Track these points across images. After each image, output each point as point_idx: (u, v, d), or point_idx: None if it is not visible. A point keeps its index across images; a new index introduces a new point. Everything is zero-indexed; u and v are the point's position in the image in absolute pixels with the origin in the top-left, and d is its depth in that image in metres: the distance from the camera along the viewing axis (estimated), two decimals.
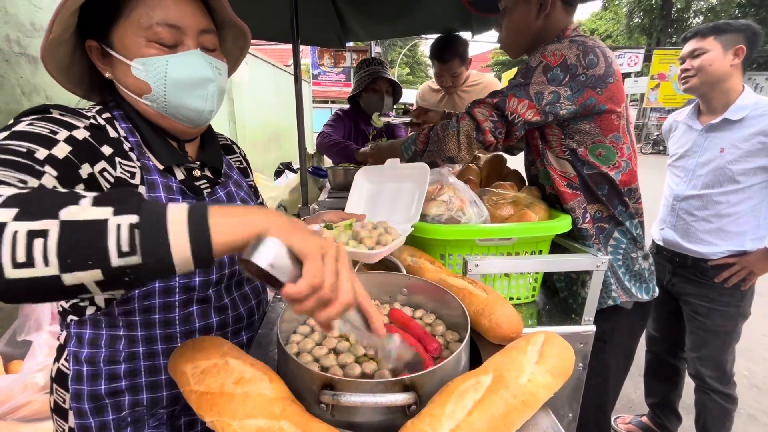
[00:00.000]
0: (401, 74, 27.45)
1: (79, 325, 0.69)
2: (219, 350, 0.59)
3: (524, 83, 1.03)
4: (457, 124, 1.09)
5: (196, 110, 0.69)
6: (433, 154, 1.15)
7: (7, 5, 1.86)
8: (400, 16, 2.15)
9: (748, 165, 1.45)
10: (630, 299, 1.16)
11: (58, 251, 0.36)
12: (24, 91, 1.94)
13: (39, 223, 0.36)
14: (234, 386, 0.53)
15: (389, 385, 0.54)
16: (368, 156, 1.55)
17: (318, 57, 14.68)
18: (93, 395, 0.70)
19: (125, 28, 0.63)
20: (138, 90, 0.65)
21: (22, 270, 0.36)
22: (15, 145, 0.51)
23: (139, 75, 0.64)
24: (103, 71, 0.67)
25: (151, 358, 0.72)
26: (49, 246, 0.36)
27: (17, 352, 1.61)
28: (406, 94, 12.72)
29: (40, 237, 0.36)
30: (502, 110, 1.05)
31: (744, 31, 1.45)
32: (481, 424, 0.50)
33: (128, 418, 0.72)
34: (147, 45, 0.63)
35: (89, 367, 0.69)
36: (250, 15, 1.98)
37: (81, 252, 0.37)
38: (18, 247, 0.35)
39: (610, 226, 1.14)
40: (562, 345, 0.65)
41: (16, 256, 0.35)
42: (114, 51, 0.64)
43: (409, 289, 0.85)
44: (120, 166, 0.64)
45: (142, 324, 0.70)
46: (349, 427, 0.55)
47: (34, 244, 0.36)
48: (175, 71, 0.65)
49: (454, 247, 1.02)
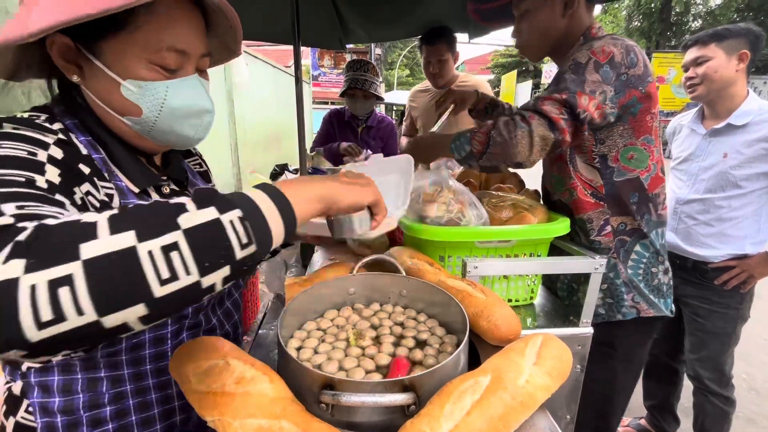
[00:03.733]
0: (401, 76, 27.47)
1: (41, 372, 0.59)
2: (220, 350, 0.59)
3: (579, 80, 0.94)
4: (527, 124, 0.94)
5: (185, 137, 0.64)
6: (496, 158, 0.99)
7: (8, 5, 1.87)
8: (400, 19, 2.17)
9: (751, 170, 1.46)
10: (647, 313, 1.12)
11: (194, 258, 0.36)
12: (24, 91, 1.94)
13: (166, 238, 0.36)
14: (235, 386, 0.53)
15: (389, 386, 0.55)
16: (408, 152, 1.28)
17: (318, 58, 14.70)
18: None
19: (124, 44, 0.55)
20: (122, 110, 0.58)
21: (169, 285, 0.35)
22: (8, 175, 0.44)
23: (129, 96, 0.56)
24: (68, 73, 0.56)
25: (141, 395, 0.65)
26: (185, 256, 0.36)
27: None
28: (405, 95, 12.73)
29: (174, 250, 0.36)
30: (573, 107, 0.93)
31: (746, 35, 1.45)
32: (480, 424, 0.50)
33: None
34: (147, 67, 0.56)
35: (65, 416, 0.60)
36: (251, 17, 1.99)
37: (213, 253, 0.38)
38: (159, 264, 0.35)
39: (632, 239, 1.10)
40: (560, 347, 0.66)
41: (160, 274, 0.35)
42: (99, 62, 0.55)
43: (408, 291, 0.86)
44: (101, 188, 0.57)
45: (128, 362, 0.63)
46: (348, 426, 0.55)
47: (172, 257, 0.35)
48: (175, 99, 0.59)
49: (454, 249, 1.03)
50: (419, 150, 1.19)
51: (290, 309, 0.74)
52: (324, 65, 14.74)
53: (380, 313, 0.83)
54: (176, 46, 0.57)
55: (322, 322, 0.80)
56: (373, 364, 0.67)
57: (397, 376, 0.62)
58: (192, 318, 0.70)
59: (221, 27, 0.65)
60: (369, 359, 0.68)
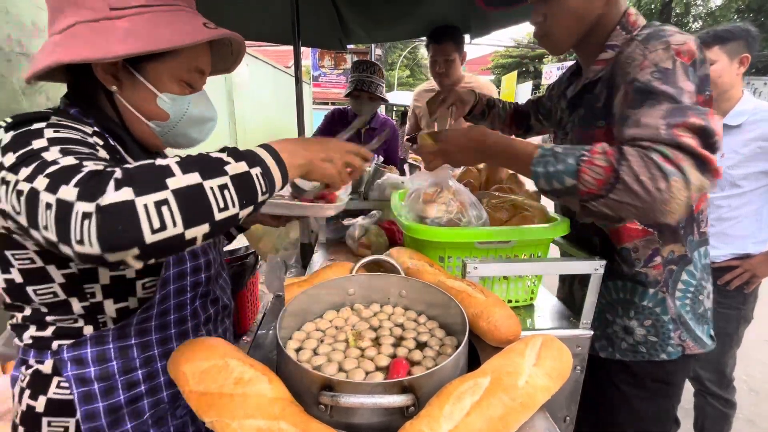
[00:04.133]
0: (401, 76, 27.50)
1: (74, 347, 0.66)
2: (218, 351, 0.59)
3: (684, 92, 0.72)
4: (678, 170, 0.65)
5: (193, 140, 0.77)
6: (625, 209, 0.70)
7: (8, 5, 1.87)
8: (401, 19, 2.17)
9: (749, 170, 1.46)
10: (692, 350, 0.99)
11: (237, 196, 0.52)
12: (24, 91, 1.94)
13: (219, 180, 0.50)
14: (233, 387, 0.53)
15: (388, 387, 0.55)
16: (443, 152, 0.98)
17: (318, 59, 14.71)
18: (110, 409, 0.69)
19: (166, 66, 0.67)
20: (151, 116, 0.69)
21: (224, 212, 0.50)
22: (77, 149, 0.54)
23: (163, 106, 0.69)
24: (107, 83, 0.66)
25: (167, 357, 0.69)
26: (232, 194, 0.51)
27: (14, 352, 1.61)
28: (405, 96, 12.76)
29: (225, 189, 0.51)
30: (711, 134, 0.67)
31: (744, 37, 1.46)
32: (479, 425, 0.50)
33: (149, 421, 0.73)
34: (179, 84, 0.70)
35: (101, 383, 0.68)
36: (252, 17, 1.99)
37: (247, 195, 0.53)
38: (218, 197, 0.50)
39: (678, 267, 0.96)
40: (560, 348, 0.66)
41: (219, 204, 0.50)
42: (142, 78, 0.67)
43: (407, 292, 0.85)
44: None
45: (156, 328, 0.73)
46: (347, 428, 0.55)
47: (224, 193, 0.50)
48: (194, 110, 0.73)
49: (453, 249, 1.02)
50: (469, 152, 0.90)
51: (289, 310, 0.74)
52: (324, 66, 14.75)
53: (380, 314, 0.83)
54: (201, 68, 0.72)
55: (321, 323, 0.80)
56: (373, 365, 0.67)
57: (397, 377, 0.62)
58: (204, 286, 0.82)
59: (223, 48, 0.80)
60: (368, 360, 0.68)
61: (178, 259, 0.73)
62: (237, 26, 2.08)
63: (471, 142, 0.89)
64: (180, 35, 0.63)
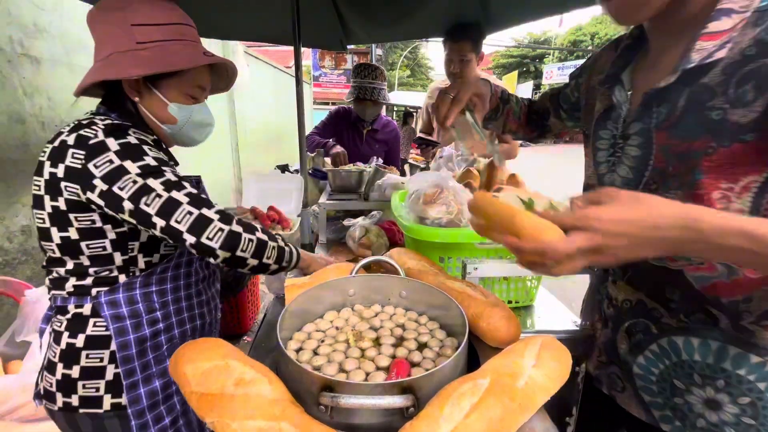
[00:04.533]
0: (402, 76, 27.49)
1: (109, 293, 0.87)
2: (219, 351, 0.59)
3: None
4: None
5: (195, 140, 1.00)
6: None
7: (10, 6, 1.87)
8: (402, 20, 2.16)
9: None
10: None
11: (276, 257, 0.91)
12: (26, 91, 1.95)
13: (274, 244, 0.90)
14: (234, 388, 0.53)
15: (388, 388, 0.55)
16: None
17: (319, 59, 14.71)
18: (139, 340, 0.89)
19: (175, 82, 0.91)
20: (165, 119, 0.92)
21: (267, 261, 0.89)
22: (177, 172, 0.85)
23: (172, 112, 0.92)
24: (131, 95, 0.89)
25: (177, 302, 0.97)
26: (274, 254, 0.90)
27: (16, 352, 1.61)
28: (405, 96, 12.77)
29: (274, 250, 0.90)
30: None
31: None
32: (479, 426, 0.50)
33: (165, 353, 0.94)
34: (184, 96, 0.93)
35: (132, 319, 0.88)
36: (253, 18, 1.99)
37: (280, 258, 0.92)
38: (269, 252, 0.88)
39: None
40: (560, 349, 0.66)
41: (267, 256, 0.89)
42: (157, 91, 0.90)
43: (407, 292, 0.86)
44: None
45: (170, 278, 0.95)
46: (347, 428, 0.56)
47: (272, 252, 0.90)
48: (197, 116, 0.96)
49: (453, 250, 1.03)
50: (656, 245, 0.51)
51: (290, 310, 0.74)
52: (325, 66, 14.75)
53: (381, 315, 0.83)
54: (202, 84, 0.96)
55: (321, 324, 0.80)
56: (373, 366, 0.67)
57: (397, 378, 0.62)
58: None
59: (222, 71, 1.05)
60: (368, 361, 0.68)
61: None
62: (238, 27, 2.08)
63: (658, 230, 0.49)
64: (184, 61, 0.87)
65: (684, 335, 0.71)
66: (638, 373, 0.77)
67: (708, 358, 0.69)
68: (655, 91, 0.66)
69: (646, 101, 0.68)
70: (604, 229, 0.49)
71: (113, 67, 0.83)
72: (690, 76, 0.62)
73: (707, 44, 0.61)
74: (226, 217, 0.82)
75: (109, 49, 0.84)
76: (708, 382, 0.70)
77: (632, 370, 0.78)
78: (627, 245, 0.49)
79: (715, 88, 0.60)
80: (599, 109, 0.81)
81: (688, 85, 0.63)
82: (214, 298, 1.11)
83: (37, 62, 2.00)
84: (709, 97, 0.61)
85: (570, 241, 0.49)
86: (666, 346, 0.73)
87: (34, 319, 1.60)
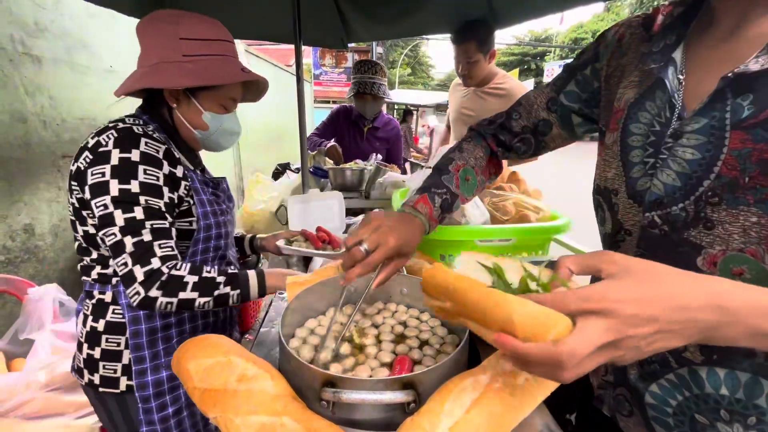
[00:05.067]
0: (402, 75, 27.45)
1: None
2: (222, 348, 0.60)
3: None
4: None
5: (222, 146, 1.05)
6: None
7: (11, 5, 1.88)
8: (402, 18, 2.16)
9: None
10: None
11: (213, 305, 0.88)
12: (28, 90, 1.95)
13: (206, 299, 0.86)
14: (237, 383, 0.54)
15: (389, 383, 0.55)
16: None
17: (319, 57, 14.69)
18: (150, 330, 0.95)
19: (212, 94, 0.97)
20: (198, 125, 0.98)
21: (201, 309, 0.89)
22: (152, 205, 0.85)
23: (206, 120, 0.97)
24: (170, 101, 0.95)
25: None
26: (210, 304, 0.87)
27: (19, 350, 1.62)
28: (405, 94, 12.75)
29: (207, 303, 0.87)
30: None
31: None
32: (479, 421, 0.51)
33: (175, 344, 0.99)
34: (218, 106, 0.98)
35: (145, 310, 0.94)
36: (253, 16, 2.00)
37: (219, 304, 0.89)
38: (199, 305, 0.86)
39: None
40: None
41: (198, 307, 0.86)
42: (195, 100, 0.95)
43: (408, 289, 0.86)
44: (182, 184, 0.94)
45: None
46: (349, 424, 0.56)
47: (205, 305, 0.87)
48: (227, 125, 1.01)
49: (454, 247, 1.03)
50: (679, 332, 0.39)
51: (291, 308, 0.74)
52: (325, 64, 14.74)
53: (384, 312, 0.83)
54: (234, 97, 1.01)
55: (323, 321, 0.81)
56: (375, 362, 0.68)
57: (398, 374, 0.62)
58: (222, 251, 1.07)
59: (252, 85, 1.09)
60: (370, 357, 0.69)
61: (206, 227, 0.98)
62: (239, 25, 2.08)
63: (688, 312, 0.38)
64: (224, 77, 0.93)
65: (707, 365, 0.58)
66: (651, 402, 0.64)
67: (737, 392, 0.57)
68: (739, 76, 0.49)
69: (721, 89, 0.51)
70: (627, 314, 0.37)
71: (159, 75, 0.89)
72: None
73: None
74: (150, 278, 0.81)
75: (155, 58, 0.89)
76: (737, 418, 0.57)
77: (644, 398, 0.65)
78: (653, 333, 0.38)
79: None
80: (630, 98, 0.65)
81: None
82: None
83: (39, 61, 2.00)
84: None
85: (586, 338, 0.37)
86: (686, 376, 0.60)
87: (37, 318, 1.61)
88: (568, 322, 0.37)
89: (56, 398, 1.41)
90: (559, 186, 6.13)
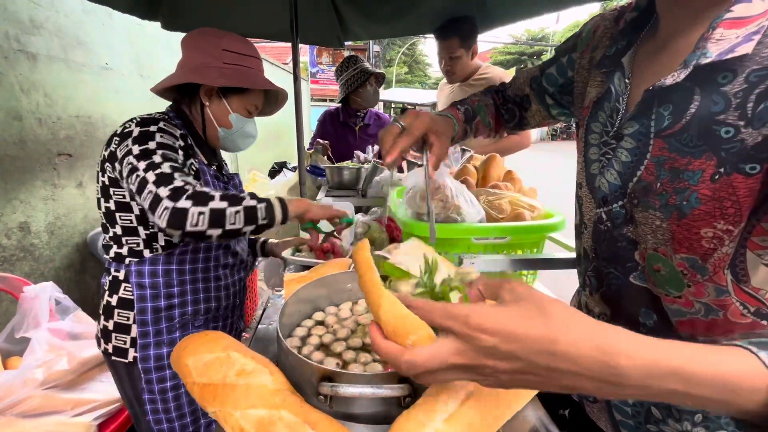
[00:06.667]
0: (399, 73, 27.43)
1: (138, 264, 1.02)
2: (221, 344, 0.60)
3: None
4: None
5: (239, 147, 1.18)
6: None
7: (6, 2, 1.86)
8: (399, 16, 2.16)
9: None
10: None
11: (244, 219, 0.87)
12: (23, 88, 1.94)
13: (237, 208, 0.87)
14: (236, 378, 0.55)
15: (386, 377, 0.56)
16: None
17: (316, 55, 14.66)
18: (155, 309, 1.03)
19: (241, 98, 1.11)
20: (224, 124, 1.11)
21: (231, 227, 0.86)
22: (169, 155, 0.93)
23: (231, 120, 1.11)
24: (204, 99, 1.07)
25: (194, 283, 1.09)
26: (240, 217, 0.87)
27: (16, 348, 1.62)
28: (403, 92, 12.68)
29: (238, 213, 0.87)
30: None
31: None
32: (473, 414, 0.52)
33: (177, 324, 1.07)
34: (243, 110, 1.12)
35: (152, 290, 1.02)
36: (250, 14, 1.99)
37: (250, 219, 0.88)
38: (231, 218, 0.86)
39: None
40: None
41: (231, 222, 0.86)
42: (226, 102, 1.09)
43: None
44: (193, 161, 1.04)
45: (190, 260, 1.08)
46: (346, 417, 0.57)
47: (236, 217, 0.86)
48: (247, 128, 1.15)
49: (450, 245, 1.04)
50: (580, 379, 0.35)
51: (289, 304, 0.75)
52: (322, 62, 14.71)
53: None
54: (257, 104, 1.15)
55: (320, 317, 0.81)
56: (371, 357, 0.69)
57: None
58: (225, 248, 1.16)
59: (272, 98, 1.25)
60: (367, 353, 0.70)
61: None
62: (236, 23, 2.08)
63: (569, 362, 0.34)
64: (255, 83, 1.09)
65: None
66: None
67: None
68: (659, 89, 0.51)
69: (647, 99, 0.54)
70: (484, 345, 0.35)
71: (201, 73, 1.04)
72: (704, 73, 0.48)
73: (729, 33, 0.46)
74: (176, 192, 0.83)
75: (199, 60, 1.05)
76: (686, 417, 0.61)
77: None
78: (513, 371, 0.35)
79: (730, 95, 0.46)
80: (593, 97, 0.67)
81: (700, 86, 0.48)
82: (235, 285, 1.21)
83: (34, 58, 1.99)
84: (723, 106, 0.46)
85: (436, 354, 0.37)
86: None
87: (33, 316, 1.60)
88: (430, 332, 0.38)
89: (53, 396, 1.41)
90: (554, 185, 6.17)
